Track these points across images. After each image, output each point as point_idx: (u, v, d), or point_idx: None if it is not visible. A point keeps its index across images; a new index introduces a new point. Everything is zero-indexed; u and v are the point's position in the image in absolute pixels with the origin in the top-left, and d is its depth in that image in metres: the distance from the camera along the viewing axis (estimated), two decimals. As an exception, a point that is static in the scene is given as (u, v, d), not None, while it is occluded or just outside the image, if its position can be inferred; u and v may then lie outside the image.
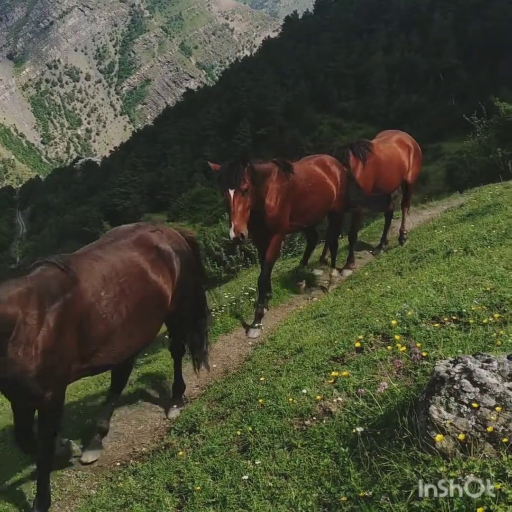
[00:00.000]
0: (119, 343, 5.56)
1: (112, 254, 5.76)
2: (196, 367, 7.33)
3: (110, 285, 5.49)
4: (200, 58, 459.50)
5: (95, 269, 5.47)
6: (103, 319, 5.35)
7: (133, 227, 6.45)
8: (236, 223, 8.29)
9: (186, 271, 6.49)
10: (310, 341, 6.99)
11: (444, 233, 10.94)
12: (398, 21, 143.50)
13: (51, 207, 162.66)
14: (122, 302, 5.53)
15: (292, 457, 4.53)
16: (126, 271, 5.70)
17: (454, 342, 5.26)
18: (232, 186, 8.38)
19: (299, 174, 9.72)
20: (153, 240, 6.21)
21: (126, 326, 5.57)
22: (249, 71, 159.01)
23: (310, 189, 9.88)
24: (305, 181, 9.83)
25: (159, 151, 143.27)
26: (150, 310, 5.94)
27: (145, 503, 4.77)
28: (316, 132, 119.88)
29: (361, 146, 11.63)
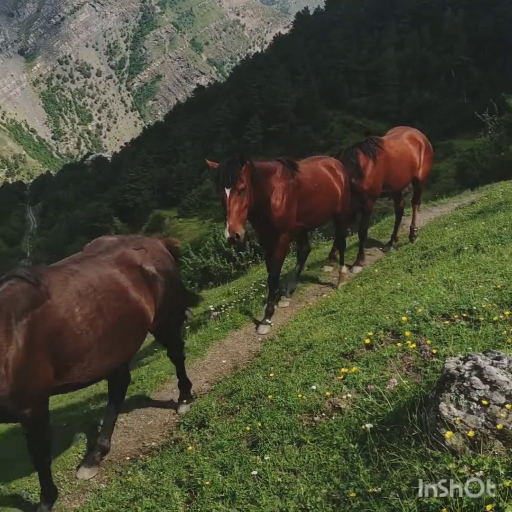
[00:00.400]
0: (95, 361, 5.31)
1: (91, 269, 5.51)
2: None
3: (86, 301, 5.24)
4: (211, 54, 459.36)
5: (70, 284, 5.22)
6: (77, 336, 5.11)
7: (117, 242, 6.15)
8: (232, 223, 8.03)
9: (171, 290, 6.26)
10: (319, 338, 6.99)
11: (454, 230, 10.91)
12: (409, 17, 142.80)
13: (62, 203, 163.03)
14: (98, 320, 5.29)
15: (301, 453, 4.53)
16: (105, 288, 5.45)
17: (464, 340, 5.26)
18: (229, 185, 8.11)
19: (305, 173, 9.58)
20: (136, 259, 5.95)
21: (103, 344, 5.33)
22: (260, 67, 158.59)
23: (315, 189, 9.73)
24: (311, 181, 9.66)
25: (170, 147, 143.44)
26: (129, 329, 5.69)
27: (155, 497, 4.79)
28: (327, 129, 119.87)
29: (370, 144, 11.55)
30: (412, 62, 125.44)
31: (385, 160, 11.52)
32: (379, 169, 11.42)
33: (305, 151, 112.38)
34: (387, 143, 11.85)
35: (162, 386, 7.75)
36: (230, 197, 8.09)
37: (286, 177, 9.14)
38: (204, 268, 20.32)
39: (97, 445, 6.17)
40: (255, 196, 8.50)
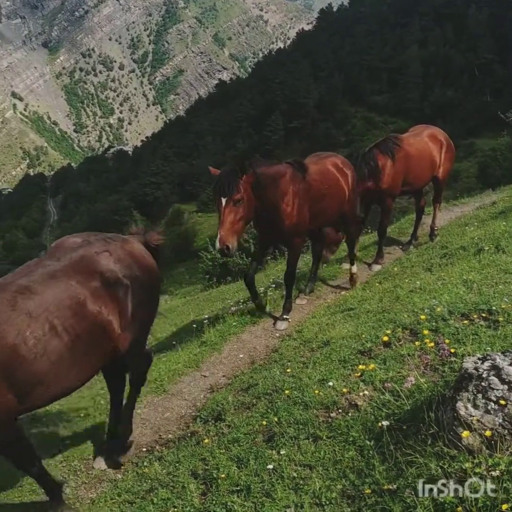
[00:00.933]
0: (56, 383, 4.92)
1: (43, 283, 4.94)
2: None
3: (38, 322, 4.75)
4: (233, 49, 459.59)
5: (19, 306, 4.72)
6: (32, 361, 4.68)
7: (79, 244, 5.52)
8: (223, 234, 7.66)
9: (141, 297, 5.51)
10: (337, 335, 7.00)
11: (475, 230, 10.86)
12: (433, 15, 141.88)
13: (82, 195, 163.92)
14: (53, 341, 4.81)
15: (317, 449, 4.55)
16: (58, 304, 4.90)
17: (483, 340, 5.24)
18: (225, 195, 7.78)
19: (314, 175, 9.25)
20: (96, 264, 5.27)
21: (61, 365, 4.89)
22: (283, 63, 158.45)
23: (325, 191, 9.45)
24: (320, 183, 9.35)
25: (190, 142, 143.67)
26: (89, 345, 5.15)
27: (170, 489, 4.83)
28: (349, 126, 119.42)
29: (388, 143, 11.48)
30: (435, 60, 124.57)
31: (404, 158, 11.46)
32: (398, 168, 11.36)
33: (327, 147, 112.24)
34: (406, 141, 11.78)
35: (179, 379, 7.77)
36: (225, 207, 7.78)
37: (296, 181, 8.83)
38: (222, 263, 20.44)
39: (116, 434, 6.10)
40: (263, 203, 8.25)
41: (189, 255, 66.54)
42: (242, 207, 7.87)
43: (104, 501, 5.09)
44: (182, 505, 4.54)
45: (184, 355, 8.53)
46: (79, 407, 7.53)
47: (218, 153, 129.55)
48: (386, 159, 11.23)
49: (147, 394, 7.39)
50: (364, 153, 11.37)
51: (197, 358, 8.26)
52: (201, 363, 8.17)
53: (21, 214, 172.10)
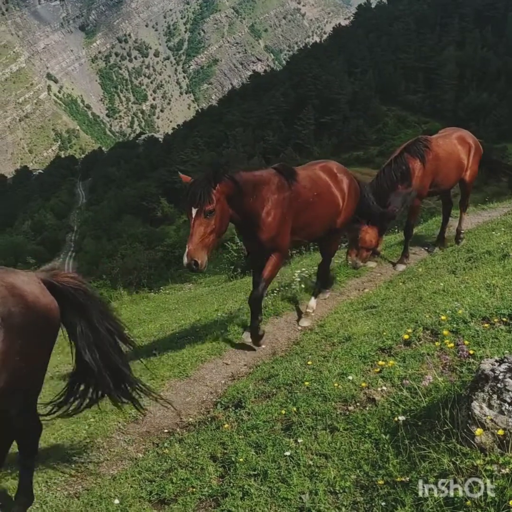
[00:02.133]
0: None
1: None
2: None
3: None
4: (269, 41, 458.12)
5: None
6: None
7: None
8: (191, 248, 7.02)
9: (16, 339, 4.15)
10: (358, 331, 7.12)
11: (502, 235, 10.85)
12: (473, 17, 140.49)
13: (111, 180, 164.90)
14: None
15: (333, 439, 4.68)
16: None
17: (502, 343, 5.32)
18: (196, 205, 7.07)
19: (303, 182, 8.42)
20: None
21: None
22: (317, 57, 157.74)
23: (314, 199, 8.58)
24: (309, 190, 8.50)
25: (221, 132, 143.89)
26: None
27: (189, 469, 4.98)
28: (381, 124, 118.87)
29: (418, 145, 11.41)
30: (472, 62, 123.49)
31: (433, 160, 11.43)
32: (427, 170, 11.34)
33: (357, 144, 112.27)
34: (435, 142, 11.74)
35: (202, 366, 7.92)
36: (196, 218, 7.07)
37: (281, 189, 7.96)
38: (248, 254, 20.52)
39: None
40: (242, 212, 7.61)
41: (215, 244, 66.75)
42: (213, 219, 7.14)
43: (125, 478, 5.24)
44: (200, 485, 4.70)
45: (208, 343, 8.69)
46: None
47: (248, 144, 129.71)
48: (416, 161, 11.21)
49: (169, 378, 7.58)
50: (395, 157, 11.36)
51: (220, 346, 8.41)
52: (224, 351, 8.33)
53: (50, 195, 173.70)
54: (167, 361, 8.27)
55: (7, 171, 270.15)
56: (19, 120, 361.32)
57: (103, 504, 4.86)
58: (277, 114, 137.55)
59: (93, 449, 5.96)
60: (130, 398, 5.41)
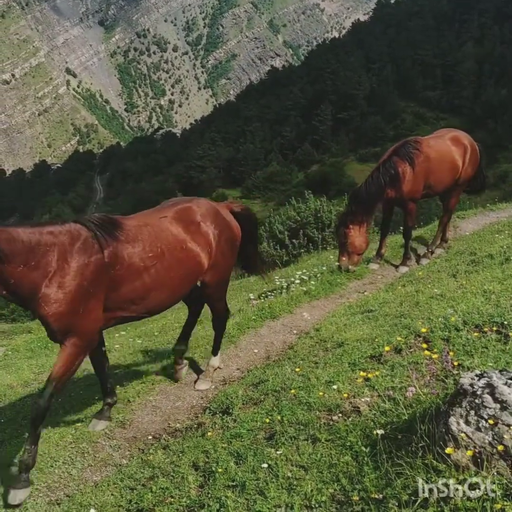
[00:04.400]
0: None
1: None
2: None
3: None
4: (287, 36, 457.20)
5: None
6: None
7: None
8: None
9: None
10: (352, 336, 7.04)
11: (505, 238, 10.71)
12: (492, 13, 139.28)
13: (129, 174, 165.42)
14: None
15: (314, 450, 4.61)
16: None
17: (490, 354, 5.24)
18: None
19: (133, 238, 6.02)
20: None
21: None
22: (336, 53, 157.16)
23: (149, 262, 6.08)
24: (143, 251, 6.03)
25: (238, 127, 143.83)
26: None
27: (170, 478, 4.94)
28: (398, 120, 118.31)
29: (405, 149, 11.07)
30: (491, 59, 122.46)
31: (424, 162, 11.11)
32: (418, 173, 11.04)
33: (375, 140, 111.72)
34: (426, 143, 11.40)
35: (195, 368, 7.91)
36: None
37: (86, 252, 5.58)
38: (256, 253, 20.44)
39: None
40: (16, 284, 5.27)
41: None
42: None
43: (107, 485, 5.20)
44: (179, 495, 4.65)
45: (201, 346, 8.63)
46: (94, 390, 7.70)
47: (265, 140, 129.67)
48: (405, 165, 10.92)
49: (160, 382, 7.53)
50: (384, 161, 11.07)
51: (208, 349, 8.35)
52: (217, 355, 8.22)
53: (68, 190, 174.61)
54: (159, 364, 8.23)
55: (26, 165, 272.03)
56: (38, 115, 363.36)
57: (82, 512, 4.83)
58: (295, 110, 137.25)
59: (78, 454, 5.93)
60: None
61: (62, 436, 6.28)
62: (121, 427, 6.49)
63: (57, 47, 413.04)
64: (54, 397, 5.55)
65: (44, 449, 5.98)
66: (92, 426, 6.41)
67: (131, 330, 12.08)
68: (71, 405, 7.40)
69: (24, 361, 11.56)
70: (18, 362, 11.61)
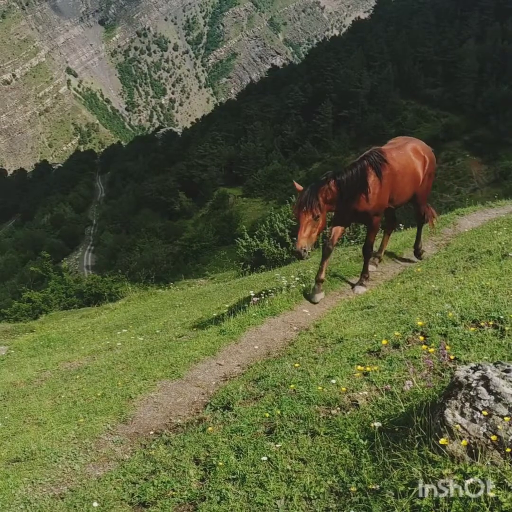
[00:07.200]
0: None
1: None
2: None
3: None
4: (288, 35, 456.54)
5: None
6: None
7: None
8: None
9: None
10: (351, 332, 7.12)
11: (504, 234, 10.76)
12: (494, 10, 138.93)
13: (130, 174, 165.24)
14: None
15: (313, 444, 4.69)
16: None
17: (486, 347, 5.31)
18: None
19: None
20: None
21: None
22: (336, 51, 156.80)
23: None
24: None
25: (239, 126, 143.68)
26: None
27: (172, 472, 5.02)
28: (400, 118, 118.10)
29: (374, 157, 10.26)
30: (492, 56, 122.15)
31: (389, 175, 10.41)
32: (384, 186, 10.31)
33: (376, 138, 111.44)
34: (389, 156, 10.55)
35: (195, 366, 7.92)
36: None
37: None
38: (257, 251, 20.57)
39: None
40: None
41: (232, 239, 67.28)
42: None
43: (109, 480, 5.28)
44: (180, 489, 4.73)
45: (202, 343, 8.69)
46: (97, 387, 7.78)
47: (266, 138, 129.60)
48: (374, 176, 10.12)
49: (161, 378, 7.60)
50: (351, 169, 10.10)
51: (215, 346, 8.40)
52: (218, 351, 8.31)
53: (69, 189, 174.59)
54: (161, 361, 8.29)
55: (27, 165, 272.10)
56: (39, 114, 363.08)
57: (85, 506, 4.90)
58: (296, 108, 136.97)
59: (81, 449, 6.00)
60: None
61: (65, 432, 6.37)
62: (123, 422, 6.57)
63: (58, 46, 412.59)
64: None
65: (48, 444, 6.07)
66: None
67: (133, 329, 12.17)
68: (73, 402, 7.49)
69: (27, 359, 11.68)
70: (21, 360, 11.72)
